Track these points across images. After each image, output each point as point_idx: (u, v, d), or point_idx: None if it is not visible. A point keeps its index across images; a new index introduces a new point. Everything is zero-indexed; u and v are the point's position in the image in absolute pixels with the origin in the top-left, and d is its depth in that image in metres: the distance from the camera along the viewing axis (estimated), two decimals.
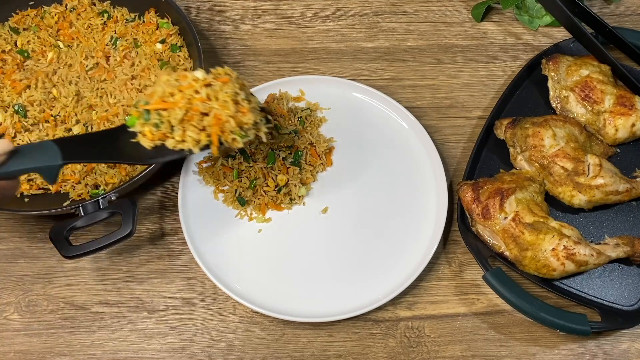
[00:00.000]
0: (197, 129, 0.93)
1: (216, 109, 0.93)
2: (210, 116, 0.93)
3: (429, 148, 1.11)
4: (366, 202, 1.08)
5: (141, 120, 0.95)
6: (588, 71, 1.11)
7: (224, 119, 0.93)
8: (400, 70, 1.21)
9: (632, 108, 1.08)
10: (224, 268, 1.03)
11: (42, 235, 1.07)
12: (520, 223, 0.99)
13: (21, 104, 1.09)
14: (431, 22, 1.26)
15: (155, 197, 1.10)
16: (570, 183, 1.03)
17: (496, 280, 0.97)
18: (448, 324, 1.02)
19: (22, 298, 1.03)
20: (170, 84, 0.94)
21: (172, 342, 1.01)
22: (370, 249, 1.05)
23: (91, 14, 1.18)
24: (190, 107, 0.92)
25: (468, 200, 1.03)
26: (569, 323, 0.96)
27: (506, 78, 1.20)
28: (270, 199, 1.07)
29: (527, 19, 1.25)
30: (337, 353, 1.00)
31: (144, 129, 0.94)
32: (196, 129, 0.93)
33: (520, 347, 1.01)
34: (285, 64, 1.21)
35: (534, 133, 1.05)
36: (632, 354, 1.00)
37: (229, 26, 1.25)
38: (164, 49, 1.15)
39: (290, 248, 1.05)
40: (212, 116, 0.93)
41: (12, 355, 1.00)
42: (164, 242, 1.07)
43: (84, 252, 0.96)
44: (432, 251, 1.02)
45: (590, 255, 0.98)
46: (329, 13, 1.26)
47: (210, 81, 0.95)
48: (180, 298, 1.03)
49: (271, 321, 1.02)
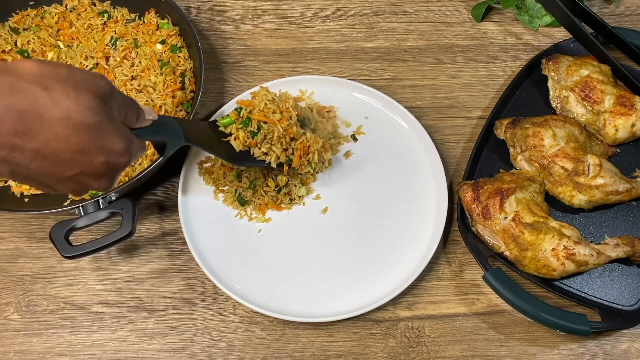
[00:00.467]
0: (281, 147, 1.02)
1: (308, 139, 1.04)
2: (297, 141, 1.04)
3: (429, 148, 1.11)
4: (366, 202, 1.08)
5: (237, 125, 1.03)
6: (588, 71, 1.11)
7: (311, 150, 1.04)
8: (400, 70, 1.21)
9: (632, 108, 1.08)
10: (224, 268, 1.03)
11: (42, 235, 1.07)
12: (520, 223, 0.99)
13: None
14: (431, 22, 1.26)
15: (155, 197, 1.10)
16: (570, 183, 1.03)
17: (496, 280, 0.97)
18: (448, 324, 1.02)
19: (22, 298, 1.03)
20: (270, 100, 1.05)
21: (172, 342, 1.01)
22: (370, 248, 1.05)
23: (91, 14, 1.18)
24: (288, 129, 1.02)
25: (468, 200, 1.03)
26: (569, 323, 0.96)
27: (506, 78, 1.20)
28: (270, 199, 1.07)
29: (527, 19, 1.25)
30: (337, 353, 1.00)
31: (239, 133, 1.02)
32: (281, 147, 1.02)
33: (520, 347, 1.01)
34: (285, 64, 1.21)
35: (534, 133, 1.05)
36: (632, 354, 1.00)
37: (229, 26, 1.25)
38: (164, 50, 1.15)
39: (290, 248, 1.05)
40: (299, 142, 1.04)
41: (12, 355, 1.00)
42: (164, 242, 1.07)
43: (84, 252, 0.96)
44: (432, 251, 1.02)
45: (590, 255, 0.98)
46: (329, 13, 1.27)
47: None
48: (180, 298, 1.04)
49: (271, 321, 1.02)
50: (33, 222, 1.08)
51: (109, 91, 0.73)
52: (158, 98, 1.09)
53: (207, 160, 1.10)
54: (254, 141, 1.02)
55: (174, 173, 1.11)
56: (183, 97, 1.11)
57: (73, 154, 0.70)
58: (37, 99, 0.67)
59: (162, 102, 1.09)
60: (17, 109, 0.66)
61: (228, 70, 1.21)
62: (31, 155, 0.68)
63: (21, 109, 0.66)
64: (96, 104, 0.70)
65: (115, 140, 0.73)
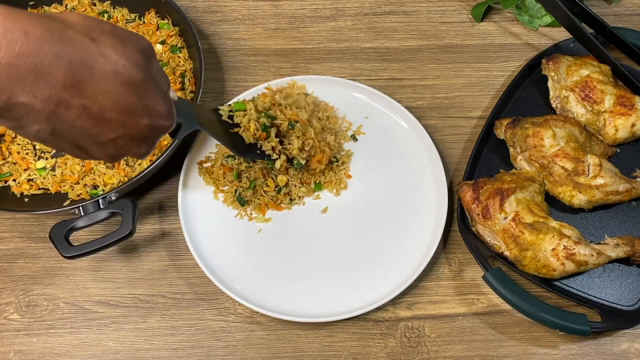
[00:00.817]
0: (301, 146, 1.03)
1: (326, 143, 1.07)
2: (317, 142, 1.05)
3: (429, 148, 1.11)
4: (366, 202, 1.08)
5: (250, 116, 1.01)
6: (588, 71, 1.11)
7: (326, 154, 1.06)
8: (400, 70, 1.21)
9: (632, 108, 1.08)
10: (224, 268, 1.03)
11: (42, 235, 1.07)
12: (520, 223, 0.99)
13: None
14: (431, 22, 1.26)
15: (155, 197, 1.10)
16: (570, 183, 1.03)
17: (496, 280, 0.97)
18: (448, 324, 1.02)
19: (22, 298, 1.03)
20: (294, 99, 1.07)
21: (172, 342, 1.01)
22: (370, 248, 1.05)
23: (91, 14, 1.18)
24: (305, 130, 1.04)
25: (468, 200, 1.03)
26: (569, 323, 0.96)
27: (506, 78, 1.20)
28: (270, 199, 1.07)
29: (527, 19, 1.25)
30: (337, 353, 1.00)
31: (250, 124, 1.00)
32: (301, 145, 1.03)
33: (520, 347, 1.01)
34: (285, 64, 1.21)
35: (534, 133, 1.05)
36: (632, 354, 1.00)
37: (229, 26, 1.25)
38: (164, 50, 1.15)
39: (290, 248, 1.05)
40: (319, 143, 1.05)
41: (12, 355, 1.00)
42: (164, 242, 1.07)
43: (84, 252, 0.96)
44: (432, 251, 1.02)
45: (590, 255, 0.98)
46: (329, 13, 1.27)
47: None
48: (180, 298, 1.04)
49: (271, 321, 1.02)
50: (33, 222, 1.08)
51: (151, 50, 0.70)
52: None
53: (207, 160, 1.10)
54: (264, 134, 1.01)
55: (174, 173, 1.11)
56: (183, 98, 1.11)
57: (119, 113, 0.65)
58: (87, 49, 0.61)
59: None
60: (67, 59, 0.60)
61: (228, 70, 1.21)
62: (77, 112, 0.62)
63: (71, 58, 0.60)
64: (142, 61, 0.66)
65: (160, 101, 0.69)
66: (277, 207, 1.07)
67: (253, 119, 1.02)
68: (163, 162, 1.04)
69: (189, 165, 1.09)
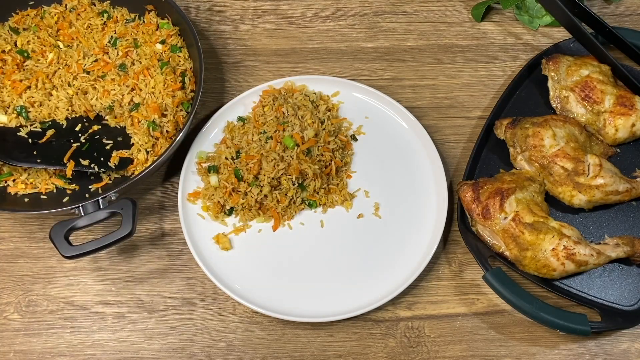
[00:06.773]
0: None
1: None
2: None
3: (429, 148, 1.11)
4: (366, 202, 1.08)
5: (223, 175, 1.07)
6: (588, 71, 1.11)
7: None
8: (400, 70, 1.21)
9: (632, 108, 1.08)
10: (224, 268, 1.03)
11: (42, 235, 1.07)
12: (520, 223, 0.99)
13: (23, 106, 1.09)
14: (431, 22, 1.26)
15: (155, 197, 1.10)
16: (570, 183, 1.03)
17: (496, 280, 0.97)
18: (448, 324, 1.02)
19: (22, 298, 1.03)
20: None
21: (172, 342, 1.01)
22: (370, 249, 1.05)
23: (91, 14, 1.18)
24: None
25: (468, 200, 1.03)
26: (569, 323, 0.96)
27: (506, 78, 1.20)
28: (278, 212, 1.06)
29: (527, 19, 1.25)
30: (337, 353, 1.00)
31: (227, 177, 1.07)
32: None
33: (520, 347, 1.01)
34: (285, 64, 1.21)
35: (534, 133, 1.05)
36: (632, 354, 1.00)
37: (229, 26, 1.25)
38: (164, 50, 1.14)
39: (290, 248, 1.05)
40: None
41: (12, 355, 1.00)
42: (164, 242, 1.07)
43: (84, 252, 0.96)
44: (432, 251, 1.02)
45: (590, 255, 0.98)
46: (329, 13, 1.26)
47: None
48: (180, 298, 1.04)
49: (271, 321, 1.02)
50: (33, 222, 1.08)
51: None
52: (158, 97, 1.09)
53: (207, 160, 1.10)
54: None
55: (174, 173, 1.11)
56: (183, 97, 1.11)
57: None
58: None
59: (163, 101, 1.09)
60: None
61: (228, 70, 1.21)
62: None
63: None
64: None
65: None
66: (281, 219, 1.07)
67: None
68: (163, 162, 1.04)
69: (189, 165, 1.09)
